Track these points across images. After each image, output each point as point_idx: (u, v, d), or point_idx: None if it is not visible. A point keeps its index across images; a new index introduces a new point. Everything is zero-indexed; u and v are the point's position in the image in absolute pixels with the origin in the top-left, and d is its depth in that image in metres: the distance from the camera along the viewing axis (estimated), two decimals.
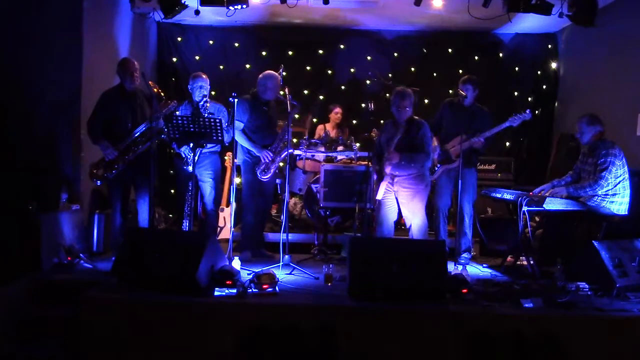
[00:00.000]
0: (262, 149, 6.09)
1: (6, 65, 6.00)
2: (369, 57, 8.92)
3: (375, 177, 5.89)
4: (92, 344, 4.34)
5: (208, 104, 6.07)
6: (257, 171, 6.08)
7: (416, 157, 5.66)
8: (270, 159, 6.08)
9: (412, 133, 5.69)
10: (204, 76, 6.17)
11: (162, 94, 5.91)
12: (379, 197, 5.77)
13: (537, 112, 8.91)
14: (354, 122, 8.83)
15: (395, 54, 8.99)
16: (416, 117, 5.82)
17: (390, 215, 5.84)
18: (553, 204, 5.39)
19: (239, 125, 6.05)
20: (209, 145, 6.00)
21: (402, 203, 5.78)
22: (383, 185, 5.74)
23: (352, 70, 8.96)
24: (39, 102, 6.06)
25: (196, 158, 5.72)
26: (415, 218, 5.77)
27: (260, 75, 6.22)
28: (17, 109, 6.01)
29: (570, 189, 5.54)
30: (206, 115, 5.92)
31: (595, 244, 5.01)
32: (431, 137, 5.92)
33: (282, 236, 5.75)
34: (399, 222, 6.11)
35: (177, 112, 5.97)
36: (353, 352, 4.28)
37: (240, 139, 6.08)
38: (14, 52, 6.03)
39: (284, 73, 6.39)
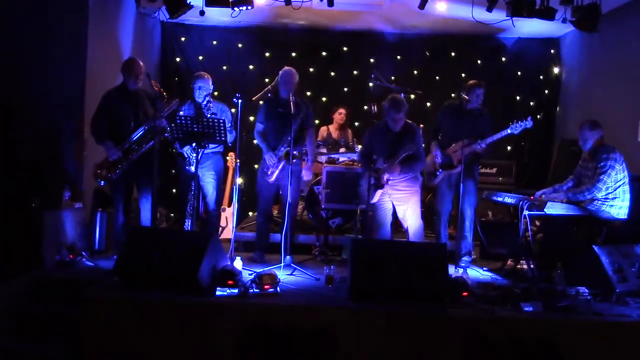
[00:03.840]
0: (268, 150, 6.12)
1: (11, 63, 6.00)
2: (372, 60, 8.95)
3: (372, 181, 5.83)
4: (92, 342, 4.35)
5: (211, 105, 6.09)
6: (266, 171, 6.13)
7: (415, 166, 5.74)
8: (272, 161, 6.09)
9: (408, 141, 5.68)
10: (205, 76, 6.14)
11: (165, 93, 5.93)
12: (374, 201, 5.79)
13: (538, 116, 8.92)
14: (357, 124, 8.83)
15: (399, 57, 9.00)
16: (409, 122, 5.82)
17: (387, 217, 5.86)
18: (554, 209, 5.40)
19: (258, 127, 6.23)
20: (211, 146, 6.01)
21: (398, 205, 5.80)
22: (379, 192, 5.76)
23: (355, 72, 8.97)
24: (43, 101, 6.06)
25: (199, 158, 5.74)
26: (411, 219, 5.80)
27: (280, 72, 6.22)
28: (22, 107, 6.01)
29: (569, 194, 5.55)
30: (209, 115, 5.93)
31: (596, 248, 5.03)
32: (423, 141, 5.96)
33: (284, 237, 5.77)
34: (396, 223, 6.12)
35: (181, 112, 5.98)
36: (353, 354, 4.30)
37: (258, 140, 6.24)
38: (18, 50, 6.04)
39: None
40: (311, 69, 9.04)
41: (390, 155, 5.68)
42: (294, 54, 8.96)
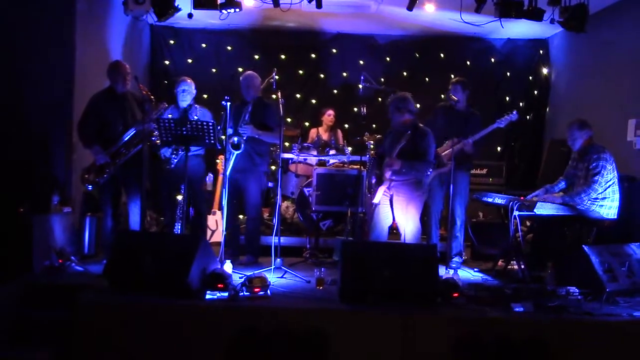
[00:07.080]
0: None
1: None
2: (361, 62, 8.95)
3: (374, 180, 5.83)
4: (82, 347, 4.31)
5: (198, 111, 6.07)
6: None
7: (417, 165, 5.59)
8: None
9: (416, 140, 5.59)
10: (188, 80, 6.16)
11: (152, 97, 5.89)
12: (375, 200, 5.73)
13: (528, 117, 8.97)
14: (346, 126, 8.83)
15: (388, 59, 9.03)
16: (421, 125, 5.74)
17: (385, 219, 5.78)
18: (544, 209, 5.42)
19: None
20: (192, 149, 5.94)
21: (396, 208, 5.73)
22: (381, 190, 5.68)
23: (344, 74, 8.97)
24: (31, 105, 6.03)
25: (185, 160, 5.71)
26: (408, 224, 5.71)
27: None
28: (9, 111, 5.99)
29: (565, 198, 5.55)
30: (194, 118, 5.90)
31: (586, 248, 5.03)
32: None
33: (274, 239, 5.76)
34: (392, 226, 6.10)
35: (170, 115, 5.95)
36: (344, 355, 4.28)
37: None
38: (5, 53, 6.01)
39: (277, 77, 6.41)
40: (300, 71, 9.05)
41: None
42: (283, 57, 8.96)
